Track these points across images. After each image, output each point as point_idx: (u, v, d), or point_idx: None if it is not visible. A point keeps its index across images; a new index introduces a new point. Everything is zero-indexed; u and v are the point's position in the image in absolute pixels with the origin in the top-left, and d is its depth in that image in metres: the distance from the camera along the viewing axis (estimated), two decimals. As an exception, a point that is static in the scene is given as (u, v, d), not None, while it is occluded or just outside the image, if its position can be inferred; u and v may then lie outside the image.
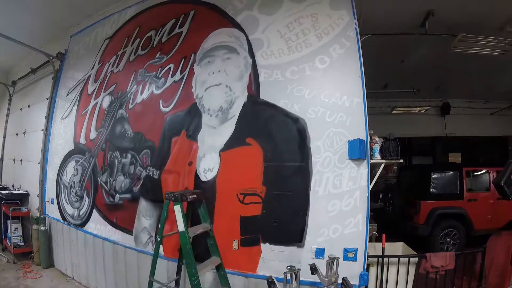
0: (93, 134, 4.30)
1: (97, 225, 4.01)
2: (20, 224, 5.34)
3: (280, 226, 2.67)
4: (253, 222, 2.77)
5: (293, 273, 1.90)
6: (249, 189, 2.81)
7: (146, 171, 3.56)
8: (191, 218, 2.83)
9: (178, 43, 3.59)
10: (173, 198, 2.48)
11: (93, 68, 4.62)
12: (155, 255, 2.64)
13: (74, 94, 4.81)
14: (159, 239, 2.61)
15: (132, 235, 3.56)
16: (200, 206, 2.79)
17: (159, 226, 2.62)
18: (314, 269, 2.01)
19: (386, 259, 2.82)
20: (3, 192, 5.59)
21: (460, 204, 5.64)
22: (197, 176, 3.12)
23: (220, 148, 3.02)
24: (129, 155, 3.79)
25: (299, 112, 2.71)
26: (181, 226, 2.42)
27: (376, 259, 2.83)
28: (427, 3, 3.84)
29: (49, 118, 5.24)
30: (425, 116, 8.42)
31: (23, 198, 5.64)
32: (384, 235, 2.90)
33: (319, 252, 2.52)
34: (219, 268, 2.74)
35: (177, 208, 2.42)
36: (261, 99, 2.90)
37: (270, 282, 1.92)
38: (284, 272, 1.87)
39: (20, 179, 6.09)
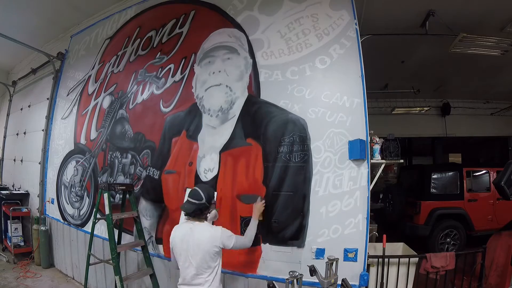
0: (93, 134, 4.30)
1: (97, 225, 4.00)
2: (20, 224, 5.34)
3: (281, 226, 2.67)
4: (253, 222, 2.77)
5: (295, 280, 1.89)
6: (249, 189, 2.81)
7: (146, 171, 3.56)
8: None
9: (179, 43, 3.59)
10: (103, 188, 3.04)
11: (93, 68, 4.62)
12: (92, 234, 3.22)
13: (75, 94, 4.82)
14: (94, 220, 3.15)
15: (133, 235, 3.56)
16: (130, 195, 3.26)
17: (94, 209, 3.16)
18: (313, 271, 2.00)
19: (386, 259, 2.82)
20: (3, 192, 5.59)
21: (460, 205, 5.65)
22: (197, 176, 3.12)
23: (220, 148, 3.01)
24: (129, 155, 3.79)
25: (299, 112, 2.70)
26: (107, 210, 2.92)
27: (377, 259, 2.83)
28: (427, 3, 3.84)
29: (49, 118, 5.24)
30: (425, 117, 8.42)
31: (23, 198, 5.64)
32: (384, 236, 2.90)
33: (319, 253, 2.52)
34: (143, 249, 3.22)
35: (105, 196, 2.95)
36: (261, 99, 2.89)
37: (271, 287, 1.90)
38: (286, 279, 1.87)
39: (20, 179, 6.09)
